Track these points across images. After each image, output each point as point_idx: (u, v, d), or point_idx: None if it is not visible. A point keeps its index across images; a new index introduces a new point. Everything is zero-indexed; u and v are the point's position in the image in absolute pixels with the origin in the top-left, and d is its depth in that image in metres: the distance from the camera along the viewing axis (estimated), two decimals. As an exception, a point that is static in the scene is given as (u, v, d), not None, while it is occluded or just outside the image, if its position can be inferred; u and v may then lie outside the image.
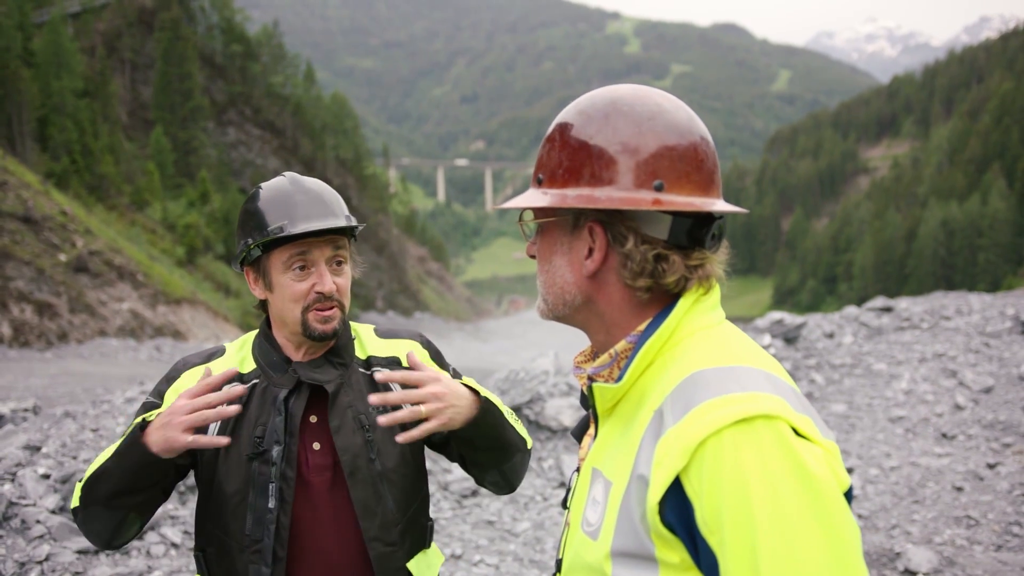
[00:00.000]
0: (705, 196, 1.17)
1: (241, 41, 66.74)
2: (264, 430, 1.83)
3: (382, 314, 64.88)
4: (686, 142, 1.17)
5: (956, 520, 5.77)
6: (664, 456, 1.03)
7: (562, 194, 1.18)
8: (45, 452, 5.07)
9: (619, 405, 1.22)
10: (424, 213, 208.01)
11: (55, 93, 44.22)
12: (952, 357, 8.66)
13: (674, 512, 1.03)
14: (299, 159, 68.20)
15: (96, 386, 15.04)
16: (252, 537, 1.80)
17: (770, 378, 1.09)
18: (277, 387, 1.86)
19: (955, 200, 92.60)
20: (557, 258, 1.24)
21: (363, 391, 1.92)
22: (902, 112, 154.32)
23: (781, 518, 0.94)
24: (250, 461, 1.82)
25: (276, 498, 1.79)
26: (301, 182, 1.87)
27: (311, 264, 1.83)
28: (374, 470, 1.86)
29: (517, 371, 7.59)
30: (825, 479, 0.97)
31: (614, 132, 1.16)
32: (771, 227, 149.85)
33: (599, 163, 1.16)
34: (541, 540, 5.70)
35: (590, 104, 1.21)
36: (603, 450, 1.22)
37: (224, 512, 1.85)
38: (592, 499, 1.20)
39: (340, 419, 1.86)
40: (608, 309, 1.22)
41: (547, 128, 1.27)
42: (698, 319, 1.19)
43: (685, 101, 1.22)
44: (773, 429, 0.99)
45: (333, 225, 1.80)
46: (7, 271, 27.12)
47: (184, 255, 44.15)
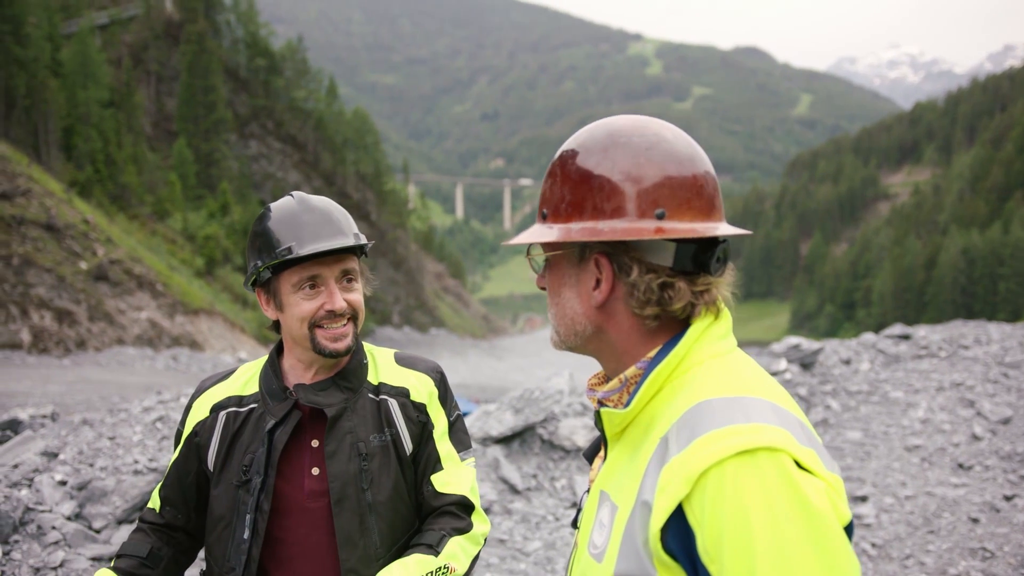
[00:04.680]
0: (708, 221, 1.19)
1: (265, 55, 67.42)
2: (252, 459, 1.83)
3: (398, 329, 65.04)
4: (685, 170, 1.18)
5: (971, 552, 5.71)
6: (668, 483, 1.04)
7: (567, 228, 1.20)
8: (62, 459, 5.11)
9: (628, 430, 1.23)
10: (442, 229, 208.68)
11: (81, 103, 44.78)
12: (970, 387, 8.58)
13: (676, 539, 1.03)
14: (320, 173, 68.68)
15: (113, 394, 15.14)
16: (229, 564, 1.81)
17: (776, 410, 1.09)
18: (270, 416, 1.86)
19: (976, 228, 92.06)
20: (566, 290, 1.25)
21: (368, 417, 1.91)
22: (924, 139, 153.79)
23: (780, 549, 0.95)
24: (237, 489, 1.83)
25: (250, 528, 1.80)
26: (308, 201, 1.86)
27: (320, 284, 1.83)
28: (364, 501, 1.84)
29: (532, 390, 7.58)
30: (825, 512, 0.98)
31: (614, 164, 1.17)
32: (789, 251, 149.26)
33: (600, 195, 1.17)
34: (552, 560, 5.69)
35: (589, 137, 1.22)
36: (611, 474, 1.24)
37: (211, 536, 1.87)
38: (599, 522, 1.21)
39: (337, 444, 1.85)
40: (618, 338, 1.23)
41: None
42: (709, 347, 1.20)
43: (705, 124, 1.23)
44: (775, 461, 1.00)
45: (341, 245, 1.79)
46: (28, 278, 27.38)
47: (203, 266, 44.48)
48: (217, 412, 1.92)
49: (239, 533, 1.81)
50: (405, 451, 1.95)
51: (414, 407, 1.98)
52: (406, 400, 1.98)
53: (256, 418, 1.88)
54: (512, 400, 7.46)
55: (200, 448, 1.91)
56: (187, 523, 1.95)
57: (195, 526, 1.97)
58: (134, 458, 5.33)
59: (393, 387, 1.98)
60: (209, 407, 1.93)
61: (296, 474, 1.85)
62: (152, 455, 5.47)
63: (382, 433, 1.91)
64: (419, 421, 1.98)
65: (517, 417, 7.07)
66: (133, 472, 5.11)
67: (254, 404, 1.90)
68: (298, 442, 1.87)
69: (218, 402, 1.93)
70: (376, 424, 1.92)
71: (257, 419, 1.88)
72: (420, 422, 1.98)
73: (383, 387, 1.97)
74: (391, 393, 1.97)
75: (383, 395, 1.96)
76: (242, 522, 1.81)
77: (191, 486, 1.93)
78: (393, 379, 2.00)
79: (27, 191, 30.13)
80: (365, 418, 1.91)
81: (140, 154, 50.11)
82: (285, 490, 1.84)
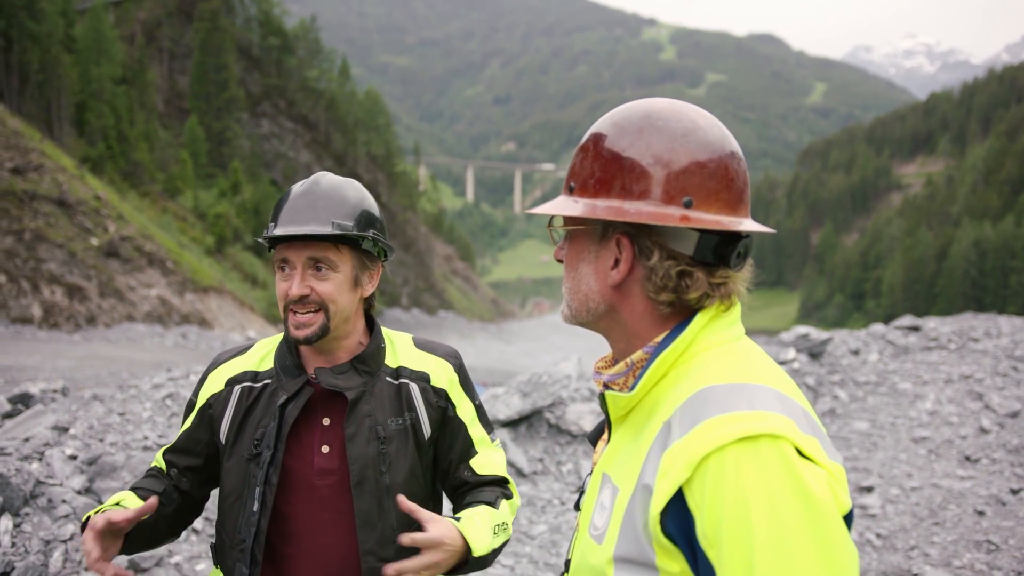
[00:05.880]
0: (733, 215, 1.18)
1: (278, 34, 67.31)
2: (264, 433, 1.85)
3: (407, 311, 65.12)
4: (717, 160, 1.17)
5: (976, 544, 5.71)
6: (668, 468, 1.05)
7: (592, 204, 1.19)
8: (73, 433, 5.15)
9: (632, 414, 1.23)
10: (452, 212, 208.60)
11: (94, 79, 44.83)
12: (979, 379, 8.56)
13: (675, 523, 1.04)
14: (331, 153, 68.64)
15: (122, 370, 15.24)
16: (240, 536, 1.84)
17: (780, 397, 1.10)
18: (283, 391, 1.87)
19: (989, 220, 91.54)
20: (583, 266, 1.25)
21: (385, 401, 1.92)
22: (938, 129, 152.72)
23: (779, 536, 0.95)
24: (248, 462, 1.85)
25: (259, 501, 1.81)
26: (316, 184, 1.84)
27: (290, 268, 1.83)
28: (382, 483, 1.86)
29: (540, 374, 7.60)
30: (825, 500, 0.98)
31: (647, 146, 1.17)
32: (800, 241, 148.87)
33: (630, 176, 1.17)
34: (557, 544, 5.71)
35: (625, 117, 1.22)
36: (614, 456, 1.24)
37: (222, 509, 1.90)
38: (600, 504, 1.21)
39: (356, 427, 1.86)
40: (630, 319, 1.23)
41: (579, 132, 1.28)
42: (716, 334, 1.20)
43: (719, 111, 1.22)
44: (776, 448, 1.00)
45: (307, 232, 1.76)
46: (40, 253, 27.51)
47: (213, 244, 44.56)
48: (232, 386, 1.93)
49: (249, 506, 1.83)
50: (423, 435, 1.96)
51: (434, 392, 1.99)
52: (426, 385, 1.99)
53: (269, 393, 1.89)
54: (520, 384, 7.48)
55: (213, 420, 1.93)
56: (191, 488, 1.98)
57: (198, 493, 2.01)
58: (144, 434, 5.37)
59: (413, 371, 1.99)
60: (224, 380, 1.95)
61: (306, 451, 1.87)
62: (162, 431, 5.51)
63: (401, 417, 1.93)
64: (439, 406, 1.99)
65: (524, 401, 7.08)
66: (143, 448, 5.15)
67: (268, 380, 1.92)
68: (309, 419, 1.88)
69: (233, 376, 1.95)
70: (395, 407, 1.93)
71: (270, 394, 1.89)
72: (440, 407, 1.99)
73: (403, 371, 1.98)
74: (411, 377, 1.98)
75: (403, 379, 1.97)
76: (252, 495, 1.82)
77: (199, 455, 1.96)
78: (413, 363, 2.01)
79: (39, 166, 30.22)
80: (383, 402, 1.92)
81: (152, 131, 50.21)
82: (294, 466, 1.86)
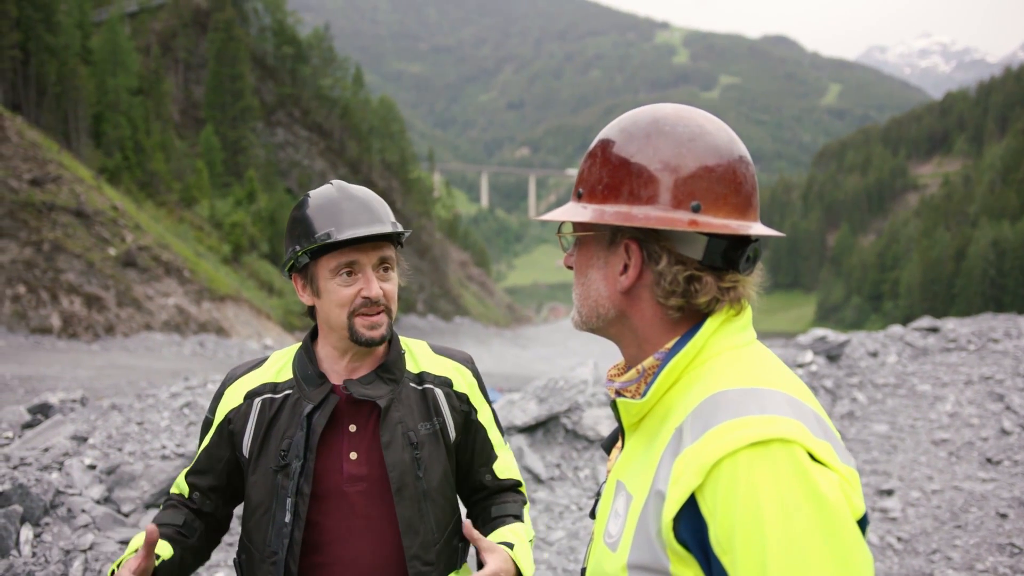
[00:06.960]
0: (742, 219, 1.18)
1: (292, 43, 67.64)
2: (290, 443, 1.85)
3: (422, 317, 65.25)
4: (725, 164, 1.17)
5: (999, 548, 5.65)
6: (681, 474, 1.04)
7: (601, 210, 1.20)
8: (92, 443, 5.18)
9: (645, 420, 1.23)
10: (467, 218, 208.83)
11: (110, 90, 45.22)
12: (999, 381, 8.48)
13: (688, 529, 1.04)
14: (345, 161, 68.89)
15: (140, 379, 15.32)
16: (271, 548, 1.83)
17: (792, 402, 1.09)
18: (307, 401, 1.87)
19: (1007, 220, 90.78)
20: (593, 272, 1.26)
21: (413, 406, 1.94)
22: (955, 129, 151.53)
23: (792, 541, 0.95)
24: (275, 474, 1.85)
25: (291, 512, 1.81)
26: (347, 189, 1.87)
27: (358, 270, 1.84)
28: (420, 488, 1.88)
29: (556, 379, 7.58)
30: (838, 504, 0.98)
31: (655, 152, 1.17)
32: (816, 242, 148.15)
33: (638, 181, 1.17)
34: (575, 550, 5.69)
35: (632, 122, 1.22)
36: (628, 464, 1.24)
37: (250, 522, 1.90)
38: (615, 511, 1.21)
39: (391, 435, 1.87)
40: (640, 324, 1.23)
41: (593, 136, 1.28)
42: (727, 339, 1.19)
43: (733, 113, 1.22)
44: (789, 453, 1.00)
45: (379, 231, 1.80)
46: (59, 263, 27.74)
47: (230, 253, 44.83)
48: (251, 399, 1.93)
49: (280, 517, 1.82)
50: (450, 439, 1.99)
51: (457, 397, 2.02)
52: (450, 390, 2.01)
53: (292, 404, 1.89)
54: (536, 389, 7.47)
55: (234, 435, 1.92)
56: (215, 509, 1.98)
57: (222, 513, 2.00)
58: (162, 443, 5.40)
59: (437, 376, 2.02)
60: (243, 394, 1.94)
61: (334, 458, 1.87)
62: (179, 440, 5.53)
63: (430, 422, 1.95)
64: (462, 411, 2.02)
65: (541, 406, 7.07)
66: (161, 457, 5.17)
67: (289, 390, 1.92)
68: (335, 427, 1.88)
69: (252, 389, 1.94)
70: (423, 413, 1.95)
71: (293, 404, 1.89)
72: (463, 411, 2.02)
73: (426, 376, 2.00)
74: (435, 383, 2.00)
75: (427, 384, 1.99)
76: (282, 506, 1.82)
77: (222, 473, 1.96)
78: (435, 369, 2.03)
79: (57, 177, 30.49)
80: (411, 408, 1.93)
81: (168, 141, 50.54)
82: (324, 474, 1.86)
